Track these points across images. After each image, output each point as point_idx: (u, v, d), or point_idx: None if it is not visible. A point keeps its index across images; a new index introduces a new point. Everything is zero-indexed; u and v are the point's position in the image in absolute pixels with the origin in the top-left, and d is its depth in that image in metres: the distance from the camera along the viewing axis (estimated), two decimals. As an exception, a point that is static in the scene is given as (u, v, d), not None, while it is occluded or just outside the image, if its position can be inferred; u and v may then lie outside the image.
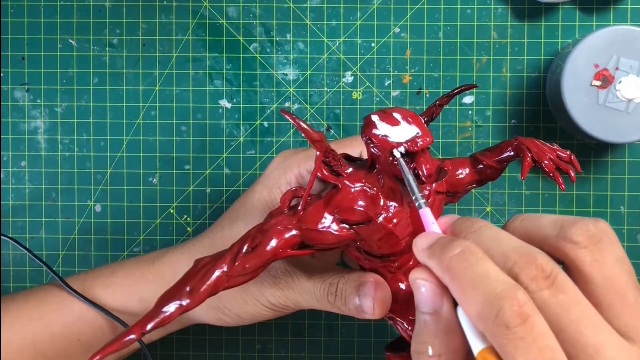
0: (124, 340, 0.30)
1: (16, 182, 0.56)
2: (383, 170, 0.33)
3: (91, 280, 0.45)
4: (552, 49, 0.54)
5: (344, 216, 0.33)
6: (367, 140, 0.32)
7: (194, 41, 0.55)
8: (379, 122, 0.32)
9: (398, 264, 0.36)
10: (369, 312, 0.36)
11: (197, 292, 0.31)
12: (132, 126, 0.55)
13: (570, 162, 0.36)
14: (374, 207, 0.33)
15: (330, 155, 0.33)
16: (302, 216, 0.33)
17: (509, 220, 0.31)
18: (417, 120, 0.32)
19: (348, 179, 0.34)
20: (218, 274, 0.31)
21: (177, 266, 0.43)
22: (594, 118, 0.48)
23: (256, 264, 0.32)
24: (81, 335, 0.44)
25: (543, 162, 0.36)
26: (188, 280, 0.31)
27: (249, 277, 0.32)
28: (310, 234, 0.33)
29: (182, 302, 0.31)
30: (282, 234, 0.33)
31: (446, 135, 0.55)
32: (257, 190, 0.40)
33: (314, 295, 0.38)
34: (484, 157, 0.37)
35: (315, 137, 0.32)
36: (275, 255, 0.33)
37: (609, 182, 0.55)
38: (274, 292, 0.38)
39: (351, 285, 0.36)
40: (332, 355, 0.56)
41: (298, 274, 0.38)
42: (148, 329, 0.30)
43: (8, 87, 0.55)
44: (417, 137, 0.31)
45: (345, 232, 0.34)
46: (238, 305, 0.40)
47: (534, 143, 0.36)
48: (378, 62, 0.55)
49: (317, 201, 0.34)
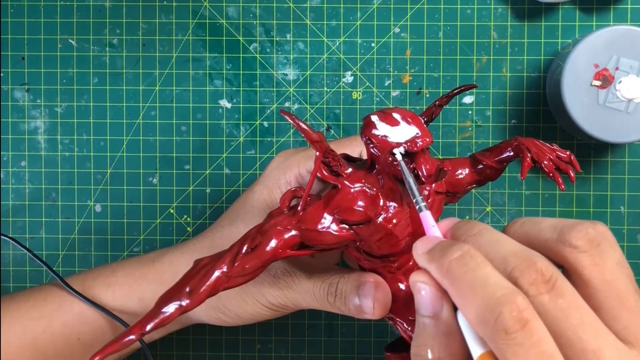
0: (124, 341, 0.30)
1: (16, 182, 0.56)
2: (383, 171, 0.33)
3: (91, 280, 0.45)
4: (552, 49, 0.54)
5: (343, 216, 0.33)
6: (367, 140, 0.32)
7: (194, 41, 0.55)
8: (378, 123, 0.32)
9: (398, 264, 0.36)
10: (369, 313, 0.36)
11: (197, 293, 0.31)
12: (132, 126, 0.55)
13: (570, 162, 0.36)
14: (374, 208, 0.33)
15: (330, 155, 0.33)
16: (302, 217, 0.33)
17: (509, 223, 0.31)
18: (416, 120, 0.32)
19: (348, 180, 0.34)
20: (217, 274, 0.32)
21: (177, 266, 0.43)
22: (594, 118, 0.48)
23: (256, 265, 0.32)
24: (81, 335, 0.44)
25: (543, 162, 0.36)
26: (188, 280, 0.31)
27: (249, 278, 0.32)
28: (309, 235, 0.33)
29: (182, 303, 0.31)
30: (281, 235, 0.33)
31: (446, 135, 0.55)
32: (257, 190, 0.40)
33: (314, 295, 0.38)
34: (484, 158, 0.37)
35: (314, 138, 0.32)
36: (275, 256, 0.33)
37: (609, 182, 0.55)
38: (273, 292, 0.38)
39: (351, 285, 0.36)
40: (332, 355, 0.56)
41: (298, 273, 0.38)
42: (148, 329, 0.30)
43: (8, 87, 0.55)
44: (416, 138, 0.31)
45: (344, 233, 0.34)
46: (238, 305, 0.40)
47: (533, 143, 0.36)
48: (378, 62, 0.55)
49: (317, 201, 0.34)
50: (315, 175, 0.33)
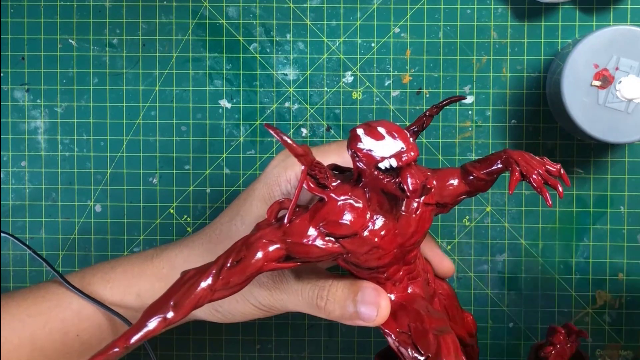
0: (108, 354, 0.30)
1: (16, 182, 0.56)
2: (369, 184, 0.33)
3: (90, 277, 0.45)
4: (552, 49, 0.54)
5: (329, 229, 0.33)
6: (353, 154, 0.32)
7: (194, 41, 0.55)
8: (363, 137, 0.31)
9: (387, 275, 0.36)
10: (369, 320, 0.35)
11: (182, 306, 0.31)
12: (132, 126, 0.55)
13: (559, 176, 0.36)
14: (360, 221, 0.33)
15: (317, 168, 0.33)
16: (288, 229, 0.33)
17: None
18: (402, 134, 0.31)
19: (334, 192, 0.34)
20: (202, 286, 0.31)
21: (175, 262, 0.43)
22: (594, 118, 0.48)
23: (240, 279, 0.32)
24: (80, 331, 0.44)
25: (531, 176, 0.35)
26: (173, 293, 0.32)
27: (234, 291, 0.32)
28: (295, 248, 0.33)
29: (167, 316, 0.31)
30: (266, 247, 0.33)
31: (446, 135, 0.55)
32: (257, 188, 0.41)
33: (301, 297, 0.37)
34: (474, 169, 0.36)
35: (299, 152, 0.32)
36: (260, 270, 0.33)
37: (609, 182, 0.54)
38: (262, 292, 0.38)
39: (345, 290, 0.36)
40: (332, 355, 0.56)
41: (286, 275, 0.38)
42: (132, 342, 0.30)
43: (8, 87, 0.55)
44: (402, 152, 0.31)
45: (331, 246, 0.33)
46: (229, 303, 0.40)
47: (522, 157, 0.35)
48: (378, 62, 0.55)
49: (303, 214, 0.34)
50: (300, 188, 0.33)
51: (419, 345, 0.35)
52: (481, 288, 0.55)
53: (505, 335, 0.55)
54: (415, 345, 0.35)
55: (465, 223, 0.55)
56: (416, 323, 0.36)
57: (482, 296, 0.55)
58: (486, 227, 0.55)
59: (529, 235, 0.55)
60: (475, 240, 0.55)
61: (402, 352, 0.35)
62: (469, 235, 0.55)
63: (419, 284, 0.38)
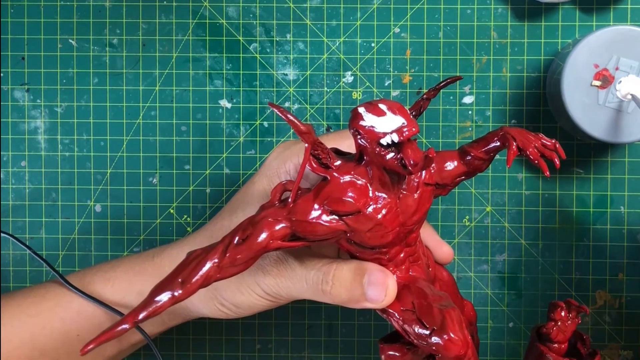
0: (118, 329, 0.30)
1: (16, 182, 0.56)
2: (371, 162, 0.33)
3: (90, 276, 0.45)
4: (552, 49, 0.54)
5: (333, 207, 0.34)
6: (355, 132, 0.33)
7: (194, 41, 0.55)
8: (365, 114, 0.32)
9: (389, 256, 0.36)
10: (378, 301, 0.36)
11: (189, 283, 0.32)
12: (132, 126, 0.55)
13: (555, 149, 0.37)
14: (363, 198, 0.34)
15: (319, 148, 0.34)
16: (292, 208, 0.34)
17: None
18: (403, 111, 0.32)
19: (337, 171, 0.34)
20: (209, 265, 0.32)
21: (177, 259, 0.43)
22: (594, 118, 0.48)
23: (247, 256, 0.33)
24: (80, 331, 0.44)
25: (528, 150, 0.36)
26: (180, 271, 0.32)
27: (241, 269, 0.33)
28: (300, 226, 0.34)
29: (175, 293, 0.31)
30: (272, 226, 0.33)
31: (446, 135, 0.55)
32: (257, 181, 0.41)
33: (305, 282, 0.37)
34: (472, 149, 0.37)
35: (303, 130, 0.33)
36: (266, 247, 0.33)
37: (609, 182, 0.54)
38: (267, 280, 0.38)
39: (351, 272, 0.36)
40: (332, 355, 0.56)
41: (291, 261, 0.38)
42: (140, 318, 0.31)
43: (8, 87, 0.55)
44: (403, 127, 0.31)
45: (335, 224, 0.34)
46: (233, 294, 0.40)
47: (519, 132, 0.37)
48: (378, 62, 0.55)
49: (307, 193, 0.34)
50: (304, 167, 0.33)
51: (424, 320, 0.35)
52: (481, 288, 0.55)
53: (505, 335, 0.55)
54: (421, 320, 0.35)
55: (465, 223, 0.55)
56: (420, 300, 0.36)
57: (482, 296, 0.55)
58: (486, 227, 0.55)
59: (529, 235, 0.55)
60: (475, 240, 0.55)
61: (407, 330, 0.36)
62: (469, 235, 0.55)
63: (420, 267, 0.38)
